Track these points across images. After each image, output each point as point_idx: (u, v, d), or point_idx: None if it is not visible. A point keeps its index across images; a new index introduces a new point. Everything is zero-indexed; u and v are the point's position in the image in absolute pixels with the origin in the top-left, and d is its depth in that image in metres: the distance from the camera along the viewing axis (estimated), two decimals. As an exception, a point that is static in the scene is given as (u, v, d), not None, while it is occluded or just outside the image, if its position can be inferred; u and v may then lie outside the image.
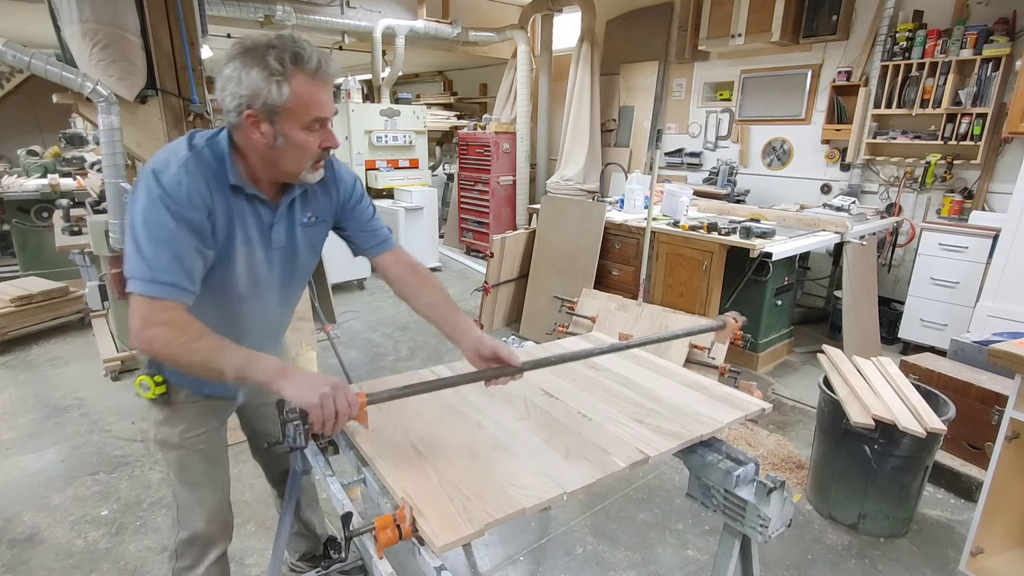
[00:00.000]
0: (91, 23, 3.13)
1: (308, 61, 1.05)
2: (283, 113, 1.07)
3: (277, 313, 1.41)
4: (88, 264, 3.99)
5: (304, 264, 1.36)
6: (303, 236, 1.30)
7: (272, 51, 1.03)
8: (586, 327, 3.53)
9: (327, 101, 1.11)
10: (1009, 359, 1.73)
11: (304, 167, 1.16)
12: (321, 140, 1.13)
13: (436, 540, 0.93)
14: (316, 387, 1.01)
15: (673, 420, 1.33)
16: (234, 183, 1.15)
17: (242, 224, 1.18)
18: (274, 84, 1.04)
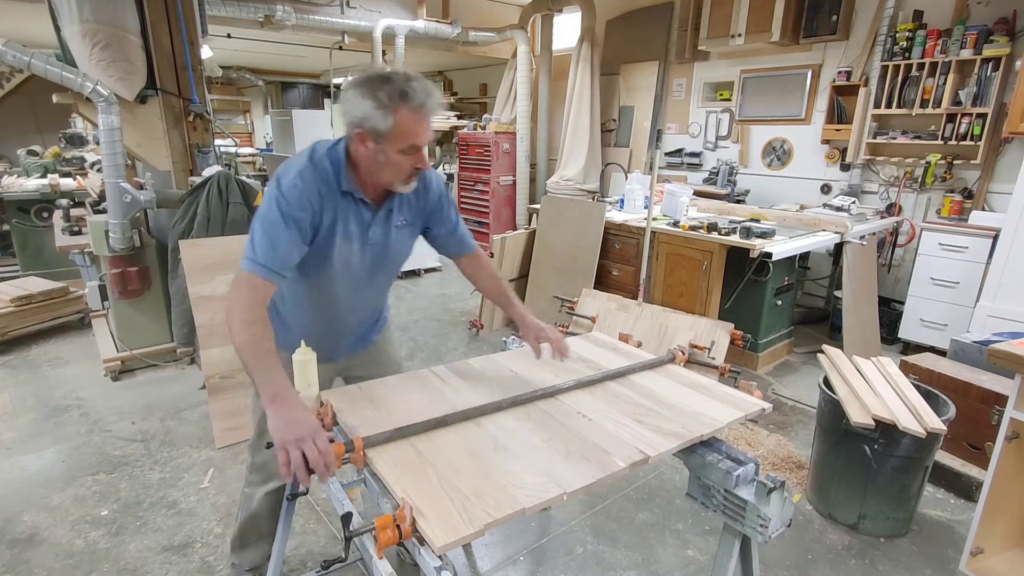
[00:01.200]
0: (91, 23, 3.14)
1: (412, 99, 1.25)
2: (385, 137, 1.28)
3: (363, 296, 1.60)
4: (88, 264, 3.99)
5: (392, 260, 1.57)
6: (395, 237, 1.51)
7: (385, 86, 1.24)
8: (586, 327, 3.53)
9: (423, 132, 1.31)
10: (1009, 359, 1.73)
11: (397, 180, 1.37)
12: (413, 162, 1.33)
13: (436, 540, 0.93)
14: (291, 430, 1.07)
15: (673, 420, 1.33)
16: (346, 189, 1.38)
17: (344, 222, 1.40)
18: (381, 114, 1.24)
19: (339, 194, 1.37)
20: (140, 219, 3.50)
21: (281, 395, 1.14)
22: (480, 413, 1.34)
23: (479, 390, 1.48)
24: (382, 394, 1.45)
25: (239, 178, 3.37)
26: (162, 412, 3.11)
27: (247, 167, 8.33)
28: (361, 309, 1.65)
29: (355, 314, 1.64)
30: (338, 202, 1.38)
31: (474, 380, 1.54)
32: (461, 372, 1.60)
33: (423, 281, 5.86)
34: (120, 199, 3.23)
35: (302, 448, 1.05)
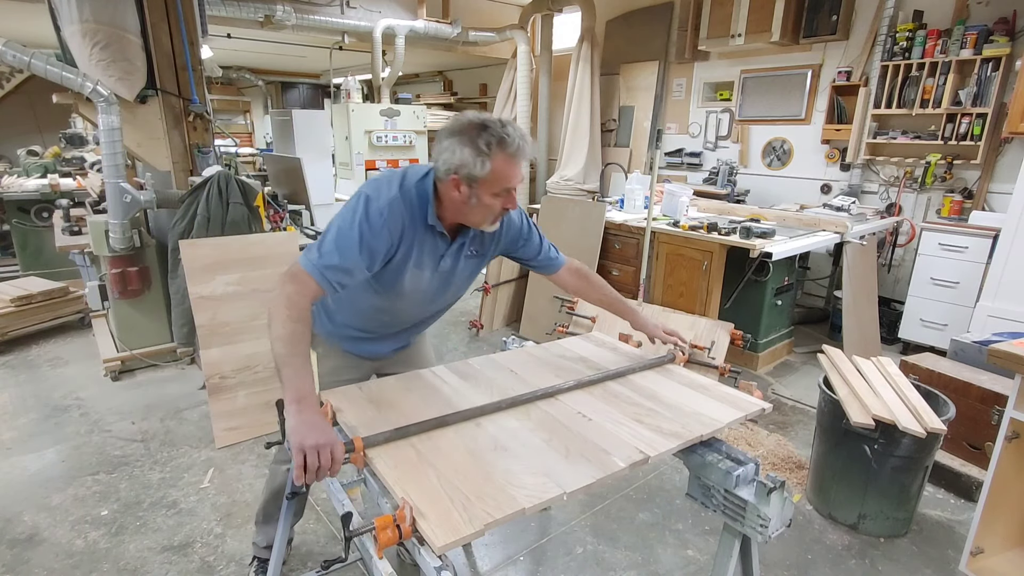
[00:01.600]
0: (91, 23, 3.14)
1: (509, 145, 1.31)
2: (481, 182, 1.32)
3: (422, 315, 1.66)
4: (88, 264, 3.99)
5: (457, 286, 1.60)
6: (463, 266, 1.55)
7: (483, 134, 1.29)
8: (586, 327, 3.52)
9: (517, 175, 1.35)
10: (1009, 359, 1.73)
11: (486, 221, 1.42)
12: (503, 203, 1.38)
13: (436, 540, 0.93)
14: (312, 435, 1.07)
15: (673, 420, 1.33)
16: (430, 223, 1.40)
17: (420, 252, 1.43)
18: (479, 161, 1.29)
19: (423, 227, 1.41)
20: (140, 219, 3.50)
21: (306, 399, 1.13)
22: (480, 413, 1.34)
23: (479, 390, 1.48)
24: (382, 394, 1.45)
25: (239, 178, 3.37)
26: (162, 412, 3.11)
27: (247, 167, 8.33)
28: (416, 326, 1.72)
29: (409, 329, 1.71)
30: (419, 234, 1.41)
31: (474, 380, 1.54)
32: (461, 372, 1.60)
33: (423, 281, 5.85)
34: (120, 199, 3.23)
35: (319, 453, 1.06)
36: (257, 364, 2.92)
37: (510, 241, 1.61)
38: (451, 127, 1.34)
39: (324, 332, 1.65)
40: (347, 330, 1.63)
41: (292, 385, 1.14)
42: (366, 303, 1.54)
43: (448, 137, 1.32)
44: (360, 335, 1.64)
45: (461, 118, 1.34)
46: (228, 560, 2.08)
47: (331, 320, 1.63)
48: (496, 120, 1.33)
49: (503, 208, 1.39)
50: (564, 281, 1.76)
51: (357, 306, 1.56)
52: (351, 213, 1.33)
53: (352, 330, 1.63)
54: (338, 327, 1.63)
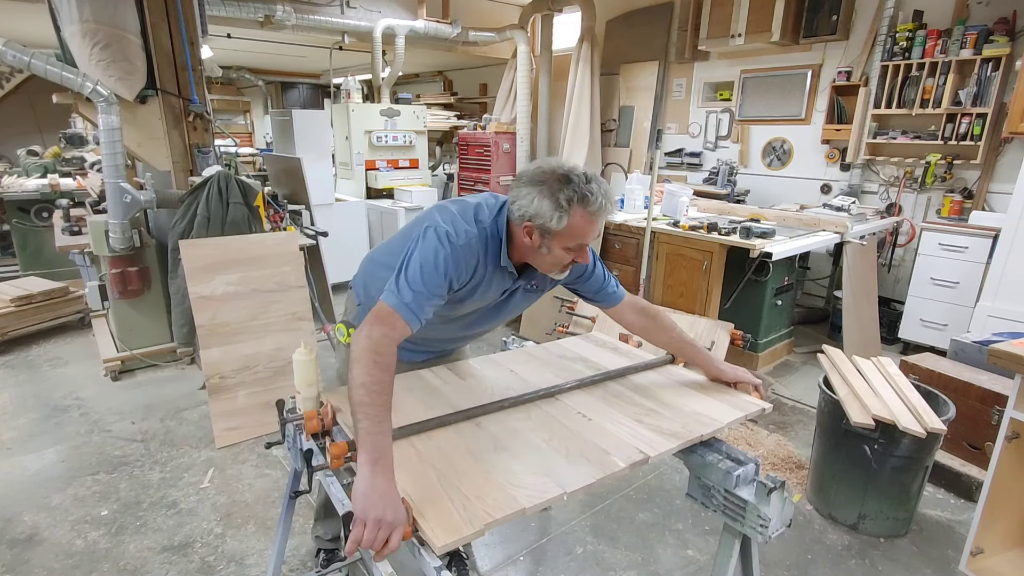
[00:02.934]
0: (91, 23, 3.14)
1: (591, 204, 1.27)
2: (555, 235, 1.29)
3: (472, 335, 1.70)
4: (88, 264, 3.99)
5: (511, 313, 1.60)
6: (522, 297, 1.54)
7: (566, 189, 1.25)
8: (586, 327, 3.53)
9: (593, 232, 1.33)
10: (1009, 359, 1.73)
11: (554, 271, 1.41)
12: (575, 257, 1.36)
13: (436, 540, 0.93)
14: (377, 506, 0.95)
15: (673, 420, 1.33)
16: (502, 264, 1.39)
17: (487, 286, 1.42)
18: (557, 215, 1.26)
19: (494, 265, 1.39)
20: (140, 219, 3.50)
21: (382, 461, 1.01)
22: (480, 413, 1.34)
23: (479, 390, 1.48)
24: (382, 394, 1.45)
25: (239, 178, 3.37)
26: (162, 412, 3.11)
27: (247, 167, 8.33)
28: (463, 343, 1.76)
29: (456, 345, 1.74)
30: (489, 270, 1.39)
31: (474, 380, 1.54)
32: (461, 372, 1.60)
33: (423, 281, 5.85)
34: (120, 199, 3.23)
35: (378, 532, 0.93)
36: (257, 364, 2.93)
37: (574, 277, 1.57)
38: (533, 174, 1.30)
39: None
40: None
41: (369, 442, 1.02)
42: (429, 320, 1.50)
43: (528, 184, 1.29)
44: (408, 347, 1.60)
45: (544, 166, 1.30)
46: (228, 560, 2.08)
47: None
48: (581, 174, 1.28)
49: (573, 261, 1.37)
50: (627, 320, 1.65)
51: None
52: (432, 249, 1.28)
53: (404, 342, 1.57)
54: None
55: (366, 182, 6.10)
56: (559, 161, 1.31)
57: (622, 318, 1.66)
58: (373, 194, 6.12)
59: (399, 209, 5.56)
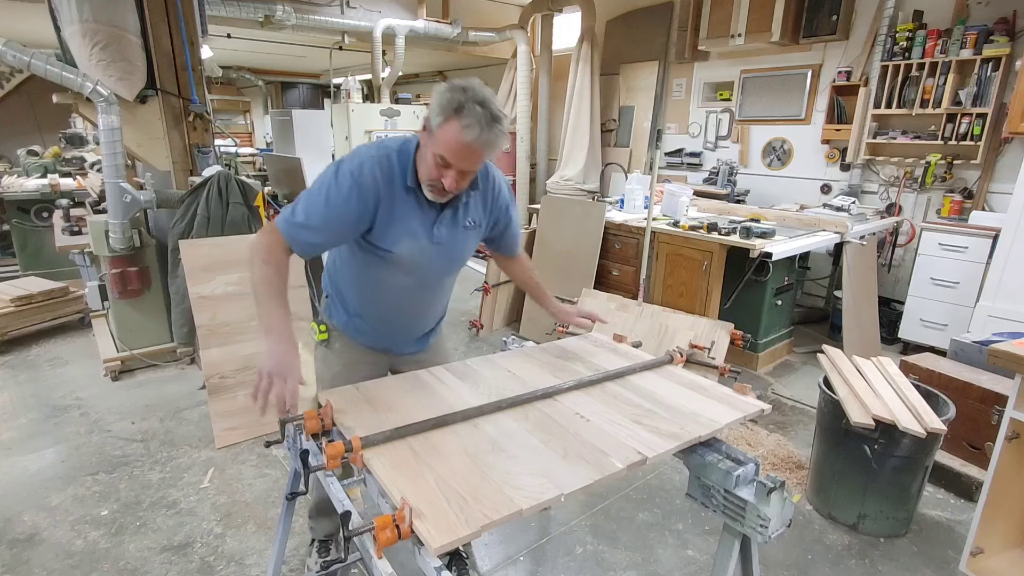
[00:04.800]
0: (91, 23, 3.14)
1: (464, 117, 1.26)
2: (433, 137, 1.32)
3: (430, 297, 1.66)
4: (88, 264, 3.99)
5: (457, 261, 1.61)
6: (463, 237, 1.54)
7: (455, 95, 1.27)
8: (586, 327, 3.52)
9: (460, 153, 1.30)
10: (1009, 359, 1.73)
11: (425, 182, 1.39)
12: (440, 174, 1.34)
13: (433, 541, 0.93)
14: (272, 361, 1.21)
15: (671, 421, 1.33)
16: (410, 185, 1.40)
17: (405, 218, 1.43)
18: (437, 116, 1.29)
19: (403, 189, 1.40)
20: (140, 219, 3.50)
21: (276, 330, 1.25)
22: (478, 414, 1.34)
23: (477, 391, 1.47)
24: (380, 395, 1.45)
25: (239, 178, 3.38)
26: (162, 412, 3.11)
27: (247, 167, 8.32)
28: (426, 309, 1.70)
29: (420, 314, 1.69)
30: (399, 197, 1.40)
31: (472, 381, 1.54)
32: (459, 373, 1.60)
33: (423, 281, 5.85)
34: (120, 199, 3.23)
35: (273, 383, 1.17)
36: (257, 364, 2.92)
37: (498, 214, 1.62)
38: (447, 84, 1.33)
39: (341, 324, 1.67)
40: (362, 321, 1.64)
41: (264, 320, 1.26)
42: (375, 277, 1.54)
43: (442, 85, 1.34)
44: (375, 325, 1.64)
45: (462, 80, 1.32)
46: (228, 560, 2.08)
47: (346, 310, 1.65)
48: (480, 97, 1.27)
49: (439, 178, 1.34)
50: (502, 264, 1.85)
51: (368, 283, 1.57)
52: (323, 178, 1.39)
53: (367, 320, 1.64)
54: (353, 318, 1.64)
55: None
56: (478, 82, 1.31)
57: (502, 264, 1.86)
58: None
59: (399, 209, 5.56)
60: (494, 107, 1.28)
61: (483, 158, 1.34)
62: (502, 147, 1.34)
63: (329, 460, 1.13)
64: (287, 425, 1.39)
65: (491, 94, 1.30)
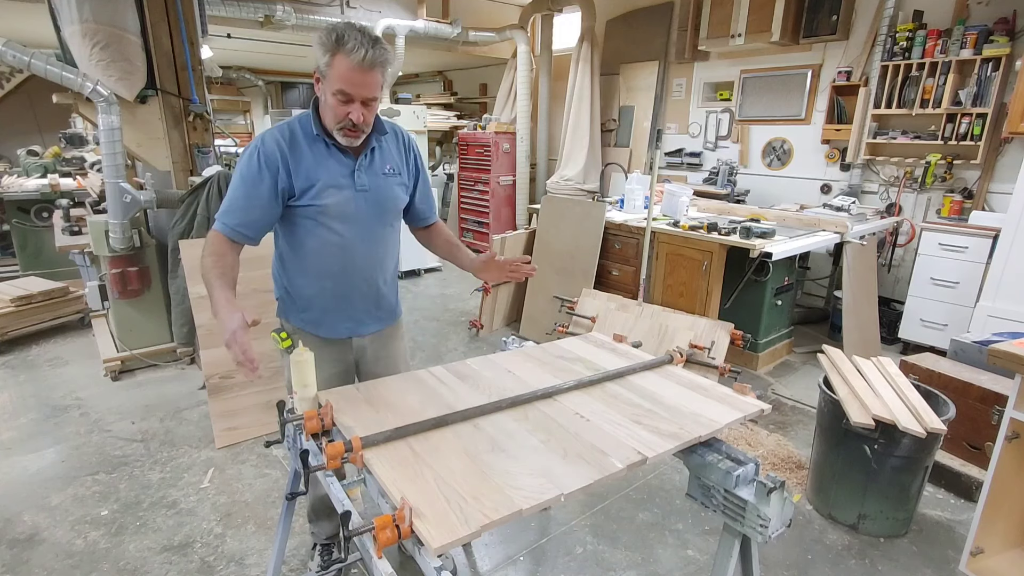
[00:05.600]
0: (91, 23, 3.14)
1: (345, 44, 1.33)
2: (327, 78, 1.39)
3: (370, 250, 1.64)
4: (88, 264, 3.99)
5: (388, 209, 1.62)
6: (385, 184, 1.59)
7: (333, 31, 1.35)
8: (586, 327, 3.53)
9: (355, 81, 1.36)
10: (1009, 359, 1.73)
11: (333, 126, 1.45)
12: (347, 111, 1.40)
13: (432, 541, 0.93)
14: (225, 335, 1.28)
15: (671, 421, 1.33)
16: (316, 133, 1.48)
17: (324, 169, 1.49)
18: (324, 56, 1.37)
19: (310, 141, 1.49)
20: (140, 219, 3.50)
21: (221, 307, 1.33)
22: (478, 414, 1.34)
23: (477, 391, 1.47)
24: (380, 395, 1.45)
25: (239, 178, 3.37)
26: (162, 412, 3.11)
27: (247, 167, 8.30)
28: (372, 268, 1.67)
29: (367, 274, 1.67)
30: (311, 150, 1.48)
31: (472, 381, 1.54)
32: (459, 373, 1.60)
33: (423, 281, 5.86)
34: (120, 199, 3.23)
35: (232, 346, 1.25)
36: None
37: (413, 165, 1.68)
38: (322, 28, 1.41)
39: (297, 323, 1.69)
40: (315, 310, 1.65)
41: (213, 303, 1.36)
42: (314, 247, 1.57)
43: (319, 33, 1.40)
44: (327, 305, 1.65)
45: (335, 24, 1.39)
46: (228, 560, 2.08)
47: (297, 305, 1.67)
48: (355, 25, 1.37)
49: (347, 115, 1.41)
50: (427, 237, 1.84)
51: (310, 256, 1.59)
52: (237, 166, 1.50)
53: (319, 303, 1.64)
54: (304, 311, 1.66)
55: (366, 182, 6.09)
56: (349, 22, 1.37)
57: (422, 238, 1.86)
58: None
59: (399, 209, 5.56)
60: (371, 31, 1.37)
61: (378, 80, 1.39)
62: (391, 64, 1.40)
63: (329, 460, 1.14)
64: (287, 425, 1.39)
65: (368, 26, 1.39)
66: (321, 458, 1.20)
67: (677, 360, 1.69)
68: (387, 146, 1.60)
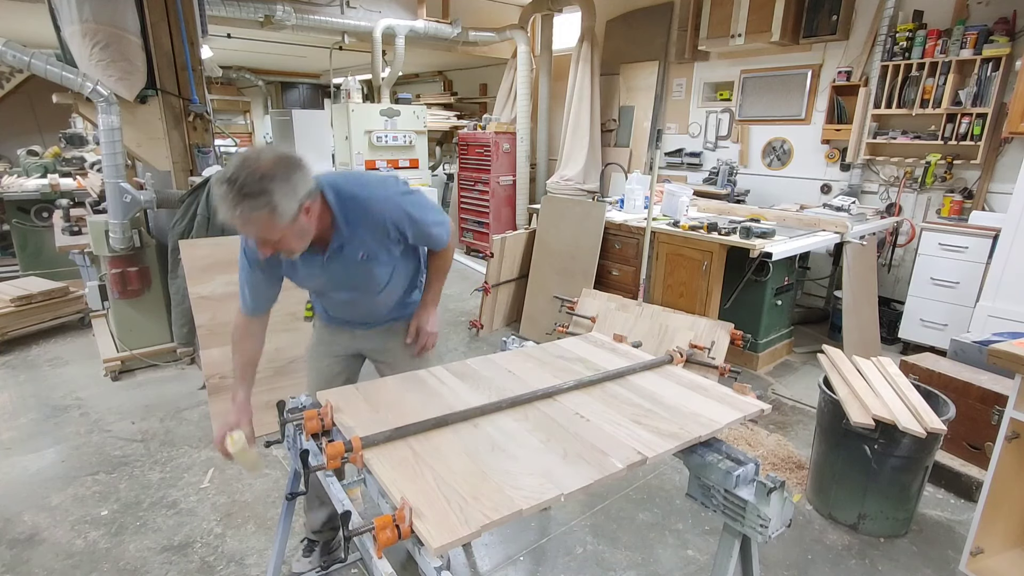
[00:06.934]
0: (91, 23, 3.14)
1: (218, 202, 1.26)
2: None
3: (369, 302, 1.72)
4: (88, 264, 3.99)
5: (376, 282, 1.64)
6: (363, 268, 1.59)
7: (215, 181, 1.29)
8: (586, 327, 3.52)
9: (241, 230, 1.33)
10: (1009, 359, 1.73)
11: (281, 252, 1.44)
12: (261, 249, 1.38)
13: (433, 541, 0.93)
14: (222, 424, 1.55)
15: (671, 421, 1.33)
16: None
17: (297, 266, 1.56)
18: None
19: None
20: (140, 219, 3.50)
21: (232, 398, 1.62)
22: (478, 414, 1.34)
23: (477, 391, 1.47)
24: (380, 395, 1.45)
25: (239, 178, 3.37)
26: (162, 412, 3.11)
27: (247, 167, 8.30)
28: (373, 310, 1.77)
29: (370, 312, 1.77)
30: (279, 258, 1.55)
31: (472, 381, 1.54)
32: (459, 373, 1.60)
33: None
34: (120, 199, 3.23)
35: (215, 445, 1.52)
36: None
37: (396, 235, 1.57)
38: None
39: (316, 309, 1.88)
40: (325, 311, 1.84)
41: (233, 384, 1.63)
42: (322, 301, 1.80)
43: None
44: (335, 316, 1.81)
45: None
46: (228, 560, 2.08)
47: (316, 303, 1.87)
48: (225, 175, 1.24)
49: (263, 252, 1.39)
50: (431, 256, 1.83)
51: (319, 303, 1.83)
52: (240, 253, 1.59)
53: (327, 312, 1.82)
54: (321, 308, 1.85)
55: (366, 182, 6.09)
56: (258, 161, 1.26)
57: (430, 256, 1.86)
58: (373, 194, 6.11)
59: (399, 209, 5.55)
60: (243, 178, 1.22)
61: (259, 227, 1.28)
62: (268, 209, 1.24)
63: (329, 460, 1.14)
64: (287, 425, 1.39)
65: (252, 163, 1.24)
66: (321, 458, 1.20)
67: (677, 360, 1.69)
68: (357, 235, 1.51)
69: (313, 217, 1.39)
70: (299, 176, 1.30)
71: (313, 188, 1.37)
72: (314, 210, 1.39)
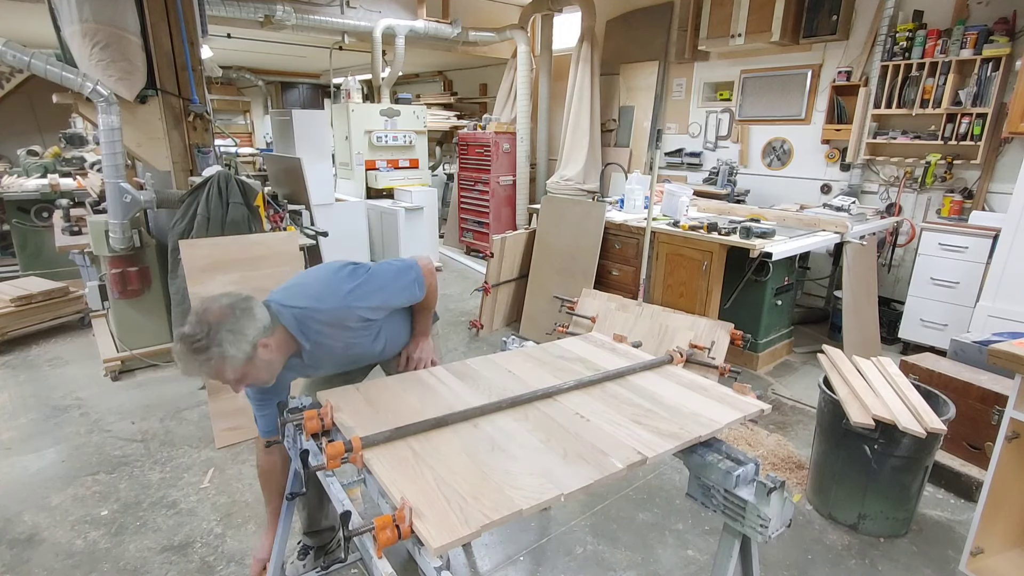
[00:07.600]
0: (91, 23, 3.14)
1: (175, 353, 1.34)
2: None
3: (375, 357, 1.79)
4: (88, 264, 3.99)
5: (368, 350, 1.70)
6: (349, 351, 1.64)
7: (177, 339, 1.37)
8: (586, 327, 3.52)
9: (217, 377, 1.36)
10: (1009, 359, 1.73)
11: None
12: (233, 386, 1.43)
13: (432, 541, 0.93)
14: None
15: (671, 421, 1.33)
16: None
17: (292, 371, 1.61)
18: None
19: None
20: (140, 219, 3.50)
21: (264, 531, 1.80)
22: (478, 414, 1.34)
23: (477, 391, 1.48)
24: (380, 395, 1.45)
25: (239, 178, 3.37)
26: (162, 412, 3.11)
27: (247, 167, 8.33)
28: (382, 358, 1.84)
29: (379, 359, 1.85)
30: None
31: (472, 381, 1.54)
32: (459, 373, 1.60)
33: (423, 281, 5.84)
34: (120, 199, 3.23)
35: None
36: (257, 364, 2.92)
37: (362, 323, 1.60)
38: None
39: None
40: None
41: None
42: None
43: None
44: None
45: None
46: (228, 560, 2.08)
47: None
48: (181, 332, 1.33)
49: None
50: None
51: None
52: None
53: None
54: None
55: (366, 182, 6.09)
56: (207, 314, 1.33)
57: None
58: (373, 194, 6.12)
59: (399, 209, 5.56)
60: (193, 334, 1.30)
61: (216, 373, 1.35)
62: (218, 359, 1.31)
63: (329, 460, 1.14)
64: (287, 425, 1.39)
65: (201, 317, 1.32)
66: (321, 458, 1.20)
67: (677, 360, 1.69)
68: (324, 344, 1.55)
69: (274, 348, 1.42)
70: (246, 321, 1.35)
71: (267, 324, 1.39)
72: (273, 343, 1.41)
